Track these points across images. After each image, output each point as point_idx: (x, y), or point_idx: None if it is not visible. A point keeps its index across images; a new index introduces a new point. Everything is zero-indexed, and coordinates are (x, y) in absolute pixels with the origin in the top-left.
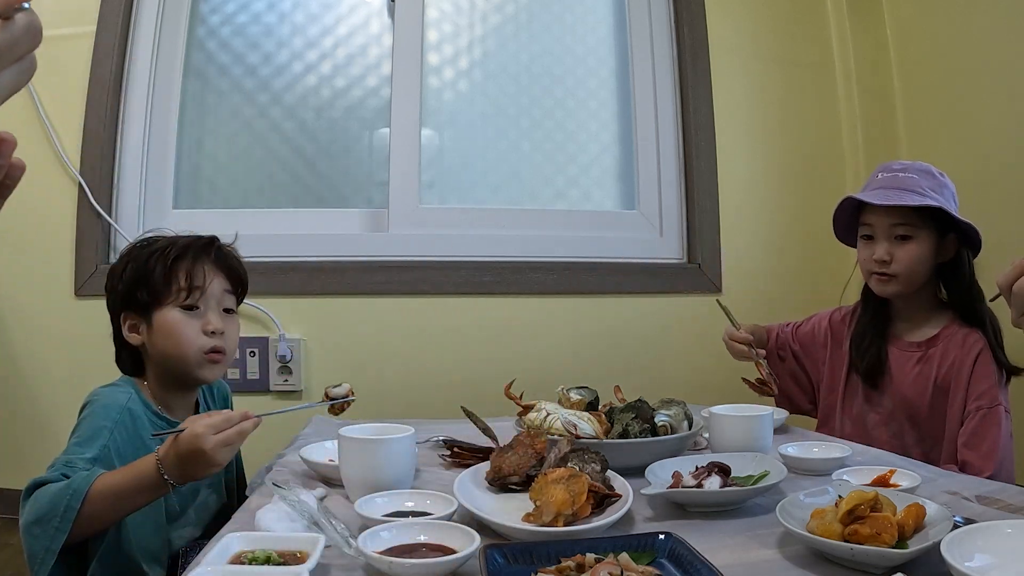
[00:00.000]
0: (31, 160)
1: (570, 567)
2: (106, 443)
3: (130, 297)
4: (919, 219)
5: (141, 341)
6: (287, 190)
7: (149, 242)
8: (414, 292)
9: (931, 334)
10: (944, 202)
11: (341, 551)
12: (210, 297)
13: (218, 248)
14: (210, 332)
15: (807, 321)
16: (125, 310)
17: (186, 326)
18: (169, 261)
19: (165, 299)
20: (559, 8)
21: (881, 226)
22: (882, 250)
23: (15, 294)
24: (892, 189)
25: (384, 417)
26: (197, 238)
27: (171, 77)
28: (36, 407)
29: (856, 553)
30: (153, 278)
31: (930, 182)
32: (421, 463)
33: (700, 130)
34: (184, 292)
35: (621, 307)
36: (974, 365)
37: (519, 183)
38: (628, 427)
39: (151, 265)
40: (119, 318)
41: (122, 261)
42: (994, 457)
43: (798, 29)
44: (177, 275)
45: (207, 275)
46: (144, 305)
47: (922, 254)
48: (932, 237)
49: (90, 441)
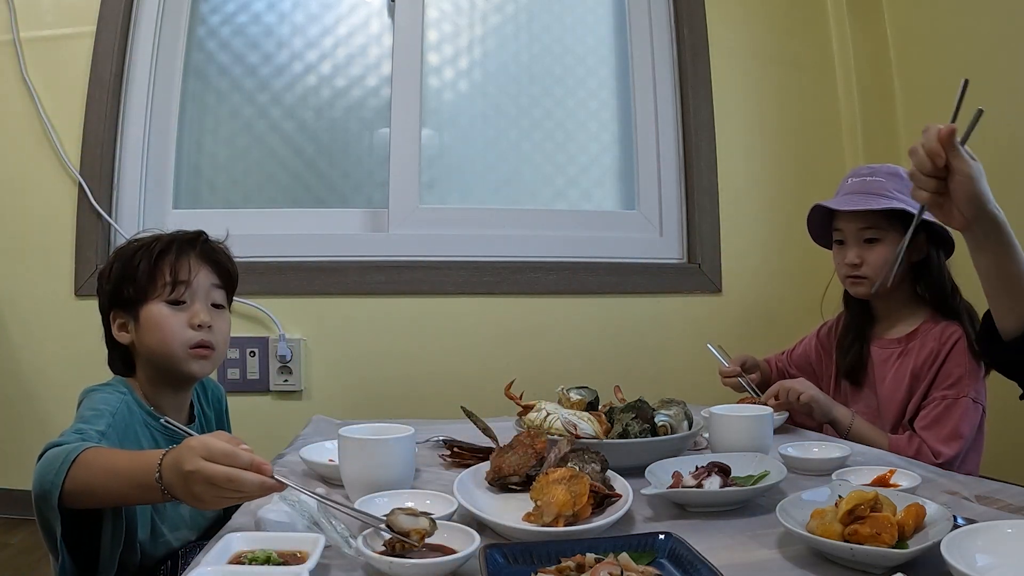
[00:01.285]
0: (31, 160)
1: (570, 567)
2: (111, 423)
3: (117, 295)
4: (886, 221)
5: (131, 339)
6: (287, 190)
7: (136, 239)
8: (414, 292)
9: (910, 330)
10: (910, 203)
11: (341, 551)
12: (196, 291)
13: (204, 242)
14: (196, 325)
15: (799, 344)
16: (113, 309)
17: (172, 320)
18: (153, 256)
19: (151, 294)
20: (559, 8)
21: (850, 231)
22: (852, 254)
23: (15, 294)
24: (859, 194)
25: (384, 417)
26: (182, 232)
27: (171, 77)
28: (36, 407)
29: (856, 553)
30: (138, 274)
31: (897, 184)
32: (421, 463)
33: (700, 130)
34: (169, 286)
35: (621, 307)
36: (948, 355)
37: (519, 183)
38: (628, 427)
39: (136, 261)
40: (109, 318)
41: (110, 261)
42: (954, 444)
43: (798, 29)
44: (162, 269)
45: (192, 269)
46: (131, 302)
47: (890, 255)
48: (900, 238)
49: (98, 417)
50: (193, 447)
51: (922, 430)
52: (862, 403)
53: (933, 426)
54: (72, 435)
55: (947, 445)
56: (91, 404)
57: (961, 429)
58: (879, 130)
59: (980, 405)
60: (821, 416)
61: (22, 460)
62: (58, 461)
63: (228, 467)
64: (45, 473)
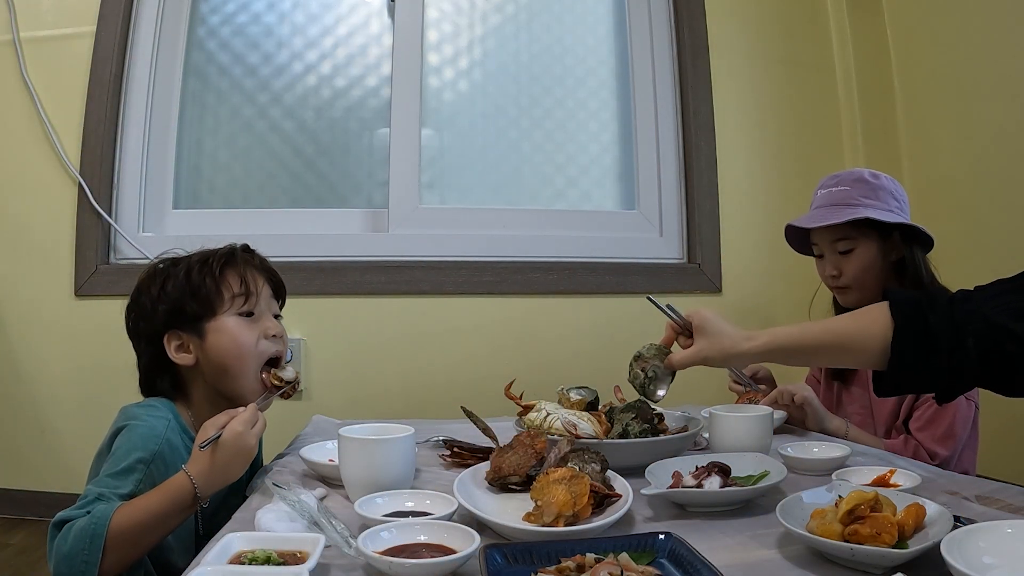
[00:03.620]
0: (31, 160)
1: (570, 567)
2: (142, 478)
3: (177, 314)
4: (856, 230)
5: (194, 359)
6: (287, 190)
7: (176, 260)
8: (414, 292)
9: None
10: (877, 206)
11: (341, 551)
12: (262, 302)
13: (256, 254)
14: (271, 336)
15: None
16: (170, 329)
17: (247, 332)
18: (218, 269)
19: (219, 308)
20: (559, 8)
21: (824, 244)
22: (830, 266)
23: (15, 294)
24: (827, 207)
25: (384, 417)
26: (233, 245)
27: (171, 77)
28: (36, 407)
29: (856, 553)
30: (204, 288)
31: (862, 189)
32: (421, 463)
33: (700, 130)
34: (241, 298)
35: (621, 307)
36: None
37: (519, 183)
38: (628, 427)
39: (198, 276)
40: (161, 340)
41: (154, 282)
42: (949, 442)
43: (798, 29)
44: (228, 282)
45: (257, 279)
46: (195, 318)
47: (866, 261)
48: (874, 242)
49: (126, 474)
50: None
51: (917, 432)
52: (856, 404)
53: (928, 427)
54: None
55: (943, 445)
56: (128, 449)
57: (956, 428)
58: (879, 130)
59: (973, 402)
60: (814, 424)
61: (22, 460)
62: (83, 542)
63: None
64: (73, 563)
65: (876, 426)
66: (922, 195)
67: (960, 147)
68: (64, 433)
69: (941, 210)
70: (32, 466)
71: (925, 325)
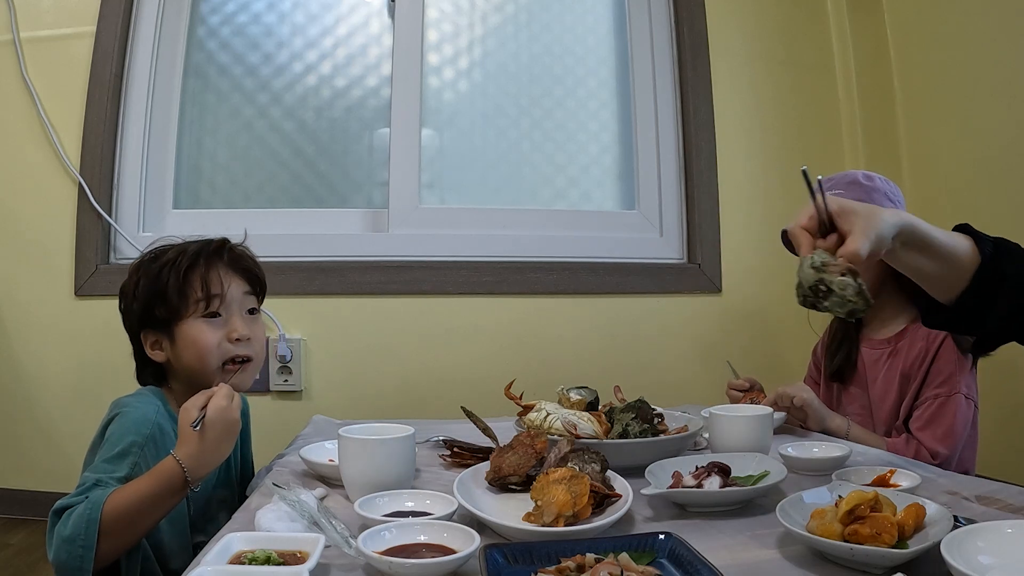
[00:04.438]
0: (31, 160)
1: (570, 567)
2: (137, 460)
3: (148, 315)
4: None
5: (166, 357)
6: (287, 190)
7: (158, 254)
8: (414, 292)
9: (899, 329)
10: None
11: (341, 551)
12: (231, 302)
13: (230, 250)
14: (235, 339)
15: (808, 367)
16: (144, 328)
17: (210, 337)
18: (182, 272)
19: (184, 312)
20: (559, 8)
21: None
22: None
23: (15, 294)
24: None
25: (384, 417)
26: (207, 243)
27: (171, 77)
28: (36, 407)
29: (856, 553)
30: (168, 292)
31: (856, 193)
32: (421, 463)
33: (700, 130)
34: (203, 302)
35: (621, 307)
36: (936, 353)
37: (519, 183)
38: (628, 427)
39: (164, 279)
40: (139, 337)
41: (133, 278)
42: (949, 441)
43: (798, 29)
44: (192, 285)
45: (223, 280)
46: (164, 321)
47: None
48: None
49: (120, 458)
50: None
51: (918, 431)
52: (856, 404)
53: (928, 426)
54: (90, 489)
55: (943, 444)
56: (121, 434)
57: (956, 427)
58: (879, 130)
59: (972, 401)
60: (815, 424)
61: (22, 460)
62: (80, 527)
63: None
64: (71, 548)
65: (876, 426)
66: (922, 195)
67: (960, 147)
68: (64, 433)
69: (941, 210)
70: (32, 466)
71: (1002, 272)
